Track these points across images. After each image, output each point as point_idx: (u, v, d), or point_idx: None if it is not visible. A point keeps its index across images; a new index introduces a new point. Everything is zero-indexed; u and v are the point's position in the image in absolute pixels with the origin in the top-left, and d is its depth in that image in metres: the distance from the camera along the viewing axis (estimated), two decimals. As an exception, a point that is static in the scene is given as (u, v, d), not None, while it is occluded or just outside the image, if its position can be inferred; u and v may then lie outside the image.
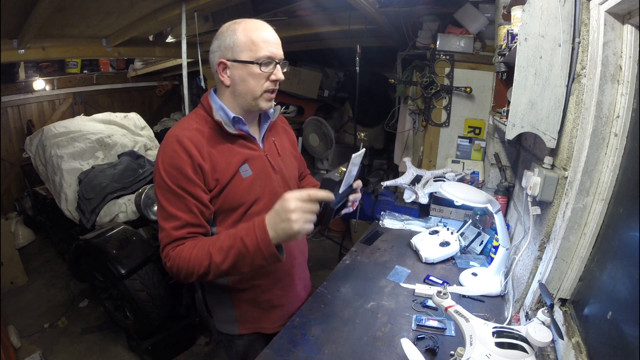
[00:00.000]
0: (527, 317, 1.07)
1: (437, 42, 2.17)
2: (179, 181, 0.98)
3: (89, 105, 4.59)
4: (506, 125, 1.12)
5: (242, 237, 0.92)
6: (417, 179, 1.80)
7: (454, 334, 1.16)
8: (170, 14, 2.16)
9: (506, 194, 1.69)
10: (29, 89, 3.98)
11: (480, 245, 1.69)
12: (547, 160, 1.08)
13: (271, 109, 1.16)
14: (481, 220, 1.79)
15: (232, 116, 1.05)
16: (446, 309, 0.99)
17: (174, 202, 0.99)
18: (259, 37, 1.01)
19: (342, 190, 0.98)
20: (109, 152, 3.20)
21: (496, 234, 1.43)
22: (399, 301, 1.34)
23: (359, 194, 1.15)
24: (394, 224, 1.99)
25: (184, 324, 2.43)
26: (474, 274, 1.46)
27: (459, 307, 0.99)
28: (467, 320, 0.95)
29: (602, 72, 0.86)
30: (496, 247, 1.44)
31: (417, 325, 1.20)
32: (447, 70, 2.17)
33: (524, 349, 0.84)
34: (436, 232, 1.73)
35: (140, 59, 4.56)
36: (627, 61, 0.84)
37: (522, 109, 1.06)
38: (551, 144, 1.05)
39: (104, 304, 2.48)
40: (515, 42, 1.19)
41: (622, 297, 0.77)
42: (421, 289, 1.37)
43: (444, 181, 1.68)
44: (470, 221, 1.81)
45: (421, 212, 2.16)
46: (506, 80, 1.59)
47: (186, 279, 0.98)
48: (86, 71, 4.54)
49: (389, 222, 2.00)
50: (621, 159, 0.86)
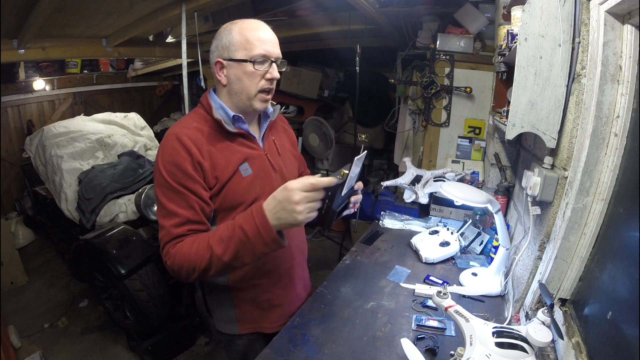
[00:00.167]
0: (527, 317, 1.07)
1: (437, 42, 2.17)
2: (179, 178, 0.98)
3: (89, 105, 4.59)
4: (506, 125, 1.12)
5: (241, 225, 0.90)
6: (417, 179, 1.80)
7: (454, 334, 1.16)
8: (170, 14, 2.16)
9: (506, 194, 1.69)
10: (29, 89, 3.98)
11: (480, 245, 1.69)
12: (547, 160, 1.08)
13: (269, 108, 1.17)
14: (481, 220, 1.79)
15: (232, 115, 1.06)
16: (446, 309, 0.99)
17: (174, 199, 0.98)
18: (254, 36, 1.01)
19: (345, 192, 0.98)
20: (109, 152, 3.20)
21: (496, 234, 1.43)
22: (399, 301, 1.34)
23: (360, 196, 1.15)
24: (394, 224, 1.99)
25: (184, 324, 2.43)
26: (474, 274, 1.46)
27: (459, 307, 0.99)
28: (467, 320, 0.95)
29: (602, 72, 0.86)
30: (496, 247, 1.44)
31: (417, 325, 1.20)
32: (447, 70, 2.17)
33: (524, 349, 0.84)
34: (436, 232, 1.73)
35: (140, 59, 4.56)
36: (627, 61, 0.84)
37: (522, 109, 1.06)
38: (551, 144, 1.05)
39: (104, 304, 2.48)
40: (515, 42, 1.19)
41: (622, 297, 0.77)
42: (421, 289, 1.37)
43: (444, 181, 1.68)
44: (470, 221, 1.81)
45: (421, 212, 2.16)
46: (506, 80, 1.59)
47: (188, 277, 0.96)
48: (86, 71, 4.54)
49: (389, 222, 2.01)
50: (621, 159, 0.86)
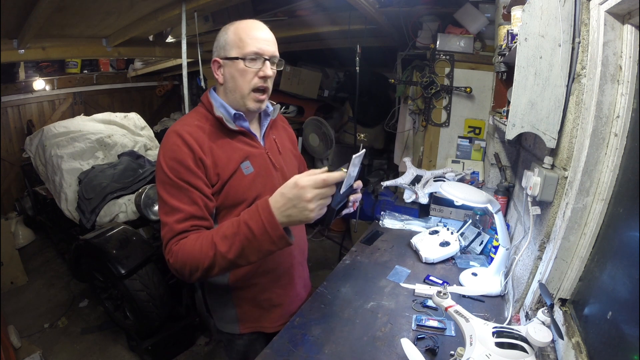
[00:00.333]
0: (527, 317, 1.07)
1: (437, 42, 2.17)
2: (181, 174, 0.97)
3: (89, 105, 4.59)
4: (506, 125, 1.12)
5: (246, 222, 0.87)
6: (417, 179, 1.80)
7: (454, 334, 1.16)
8: (170, 14, 2.16)
9: (506, 194, 1.69)
10: (29, 89, 3.98)
11: (480, 245, 1.69)
12: (547, 160, 1.08)
13: (269, 107, 1.17)
14: (481, 220, 1.79)
15: (234, 112, 1.06)
16: (446, 309, 0.99)
17: (176, 195, 0.97)
18: (247, 34, 1.02)
19: (343, 190, 0.98)
20: (109, 152, 3.20)
21: (496, 234, 1.43)
22: (399, 301, 1.34)
23: (359, 194, 1.15)
24: (394, 224, 1.99)
25: (184, 324, 2.43)
26: (474, 274, 1.46)
27: (459, 307, 0.99)
28: (467, 320, 0.95)
29: (602, 72, 0.86)
30: (496, 247, 1.44)
31: (417, 325, 1.20)
32: (447, 70, 2.17)
33: (524, 349, 0.84)
34: (436, 232, 1.73)
35: (140, 59, 4.56)
36: (627, 61, 0.84)
37: (522, 109, 1.06)
38: (551, 144, 1.05)
39: (104, 304, 2.48)
40: (515, 42, 1.18)
41: (622, 297, 0.77)
42: (421, 289, 1.37)
43: (444, 181, 1.68)
44: (470, 221, 1.81)
45: (421, 212, 2.16)
46: (506, 80, 1.59)
47: (191, 276, 0.94)
48: (86, 71, 4.54)
49: (389, 222, 2.01)
50: (621, 159, 0.86)
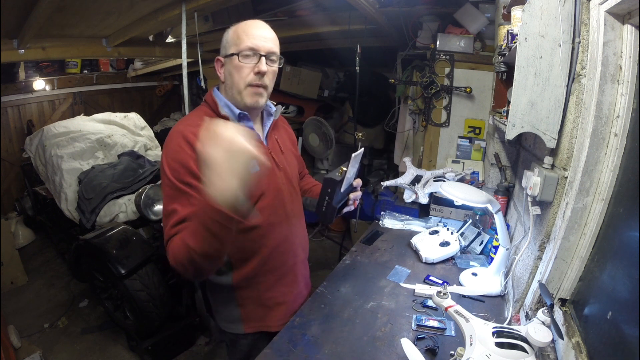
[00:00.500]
0: (527, 317, 1.07)
1: (437, 42, 2.17)
2: (182, 176, 0.97)
3: (89, 105, 4.59)
4: (506, 125, 1.12)
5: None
6: (417, 179, 1.80)
7: (454, 334, 1.16)
8: (170, 14, 2.16)
9: (506, 194, 1.69)
10: (29, 89, 3.98)
11: (480, 245, 1.69)
12: (547, 160, 1.08)
13: (272, 107, 1.17)
14: (481, 220, 1.79)
15: (238, 112, 1.06)
16: (446, 309, 0.99)
17: (175, 197, 0.97)
18: (244, 32, 1.02)
19: (344, 189, 0.99)
20: (109, 152, 3.20)
21: (496, 234, 1.43)
22: (399, 301, 1.34)
23: (359, 193, 1.16)
24: (394, 224, 1.99)
25: (184, 324, 2.42)
26: (474, 274, 1.46)
27: (459, 307, 0.99)
28: (467, 320, 0.95)
29: (602, 72, 0.86)
30: (496, 247, 1.44)
31: (417, 325, 1.20)
32: (447, 70, 2.17)
33: (524, 349, 0.84)
34: (436, 232, 1.73)
35: (140, 59, 4.55)
36: (627, 61, 0.84)
37: (522, 109, 1.06)
38: (551, 144, 1.05)
39: (104, 304, 2.48)
40: (515, 42, 1.18)
41: (622, 297, 0.77)
42: (421, 289, 1.37)
43: (444, 181, 1.68)
44: (470, 221, 1.81)
45: (421, 212, 2.16)
46: (506, 80, 1.59)
47: (187, 273, 0.89)
48: (86, 71, 4.54)
49: (389, 222, 2.00)
50: (621, 159, 0.86)
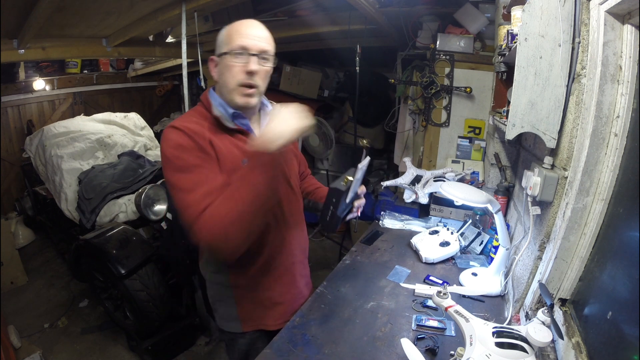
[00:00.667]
0: (527, 317, 1.07)
1: (437, 42, 2.17)
2: (189, 153, 0.95)
3: (89, 105, 4.59)
4: (506, 125, 1.12)
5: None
6: (417, 179, 1.80)
7: (454, 334, 1.16)
8: (170, 14, 2.16)
9: (506, 194, 1.69)
10: (29, 89, 3.98)
11: (480, 245, 1.69)
12: (547, 160, 1.08)
13: (268, 106, 1.16)
14: (481, 220, 1.79)
15: (232, 111, 1.05)
16: (446, 309, 0.99)
17: (194, 171, 0.94)
18: (237, 31, 1.02)
19: (349, 199, 0.99)
20: (109, 152, 3.20)
21: (496, 234, 1.43)
22: (399, 301, 1.34)
23: (363, 200, 1.16)
24: (394, 224, 1.99)
25: (184, 324, 2.42)
26: (474, 274, 1.46)
27: (459, 307, 0.99)
28: (467, 320, 0.95)
29: (602, 72, 0.86)
30: (496, 247, 1.44)
31: (417, 325, 1.20)
32: (447, 70, 2.17)
33: (524, 349, 0.84)
34: (436, 232, 1.73)
35: (140, 59, 4.55)
36: (627, 61, 0.84)
37: (522, 109, 1.07)
38: (551, 144, 1.05)
39: (104, 304, 2.48)
40: (515, 42, 1.19)
41: (622, 297, 0.77)
42: (421, 289, 1.37)
43: (444, 181, 1.68)
44: (470, 221, 1.81)
45: (421, 212, 2.16)
46: (506, 80, 1.59)
47: (227, 241, 0.88)
48: (86, 71, 4.54)
49: (389, 222, 2.00)
50: (621, 159, 0.86)
